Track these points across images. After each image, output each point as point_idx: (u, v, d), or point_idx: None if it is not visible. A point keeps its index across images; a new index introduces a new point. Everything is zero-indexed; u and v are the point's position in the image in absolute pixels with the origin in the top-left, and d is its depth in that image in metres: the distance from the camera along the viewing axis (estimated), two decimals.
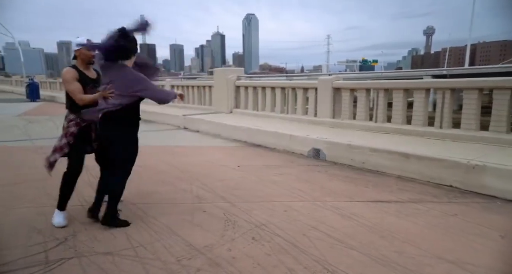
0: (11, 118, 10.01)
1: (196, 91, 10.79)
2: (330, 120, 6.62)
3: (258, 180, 4.15)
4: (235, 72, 9.25)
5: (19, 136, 7.02)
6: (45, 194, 3.46)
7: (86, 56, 2.87)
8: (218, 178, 4.22)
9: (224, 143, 6.76)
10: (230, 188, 3.83)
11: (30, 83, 18.70)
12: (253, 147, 6.28)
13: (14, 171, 4.35)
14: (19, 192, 3.55)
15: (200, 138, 7.35)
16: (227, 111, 9.20)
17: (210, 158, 5.38)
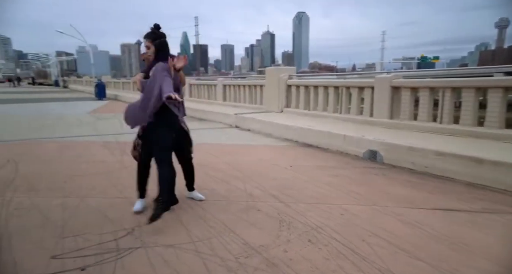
0: (83, 116, 11.04)
1: (247, 91, 10.94)
2: (388, 121, 6.27)
3: (311, 181, 4.07)
4: (287, 71, 9.19)
5: (90, 131, 7.71)
6: (112, 186, 3.74)
7: (147, 59, 3.00)
8: (271, 177, 4.22)
9: (275, 142, 6.76)
10: (283, 187, 3.81)
11: (98, 84, 20.52)
12: (304, 147, 6.19)
13: (86, 164, 4.78)
14: (90, 183, 3.87)
15: (252, 136, 7.43)
16: (278, 110, 9.19)
17: (262, 156, 5.41)
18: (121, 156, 5.22)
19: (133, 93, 21.60)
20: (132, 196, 3.45)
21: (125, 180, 3.95)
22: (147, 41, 2.80)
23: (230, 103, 11.75)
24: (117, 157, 5.18)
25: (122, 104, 16.42)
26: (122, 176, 4.12)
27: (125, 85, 25.37)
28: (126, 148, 5.84)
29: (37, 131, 7.57)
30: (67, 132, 7.50)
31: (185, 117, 3.15)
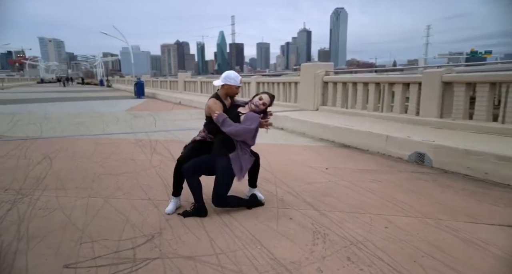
0: (120, 113, 11.34)
1: (281, 88, 10.60)
2: (437, 120, 5.65)
3: (351, 186, 3.68)
4: (324, 67, 8.72)
5: (125, 129, 7.82)
6: (138, 186, 3.61)
7: (233, 92, 3.08)
8: (305, 181, 3.88)
9: (310, 142, 6.38)
10: (318, 193, 3.46)
11: (137, 82, 21.19)
12: (341, 148, 5.75)
13: (116, 162, 4.73)
14: (117, 182, 3.78)
15: (285, 136, 7.10)
16: (313, 108, 8.77)
17: (296, 157, 5.07)
18: (151, 154, 5.14)
19: (170, 91, 22.11)
20: (157, 197, 3.29)
21: (152, 180, 3.81)
22: (270, 100, 3.03)
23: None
24: (147, 155, 5.11)
25: (159, 102, 16.89)
26: (149, 176, 3.99)
27: (162, 84, 26.06)
28: (156, 146, 5.79)
29: (76, 128, 7.80)
30: (103, 130, 7.65)
31: None
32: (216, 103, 2.97)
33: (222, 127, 2.81)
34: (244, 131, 2.83)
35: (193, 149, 3.08)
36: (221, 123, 2.81)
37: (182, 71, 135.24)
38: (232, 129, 2.80)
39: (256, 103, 2.95)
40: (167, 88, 23.89)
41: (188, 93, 19.27)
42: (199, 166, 2.88)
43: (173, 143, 6.02)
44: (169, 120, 9.27)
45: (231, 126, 2.81)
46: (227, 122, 2.82)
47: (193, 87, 19.27)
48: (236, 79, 3.02)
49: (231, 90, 3.05)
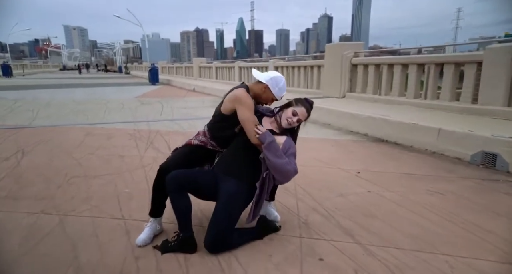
0: (128, 100, 10.59)
1: (302, 73, 9.49)
2: (503, 110, 4.47)
3: (400, 201, 2.66)
4: (352, 48, 7.54)
5: (127, 117, 7.01)
6: (115, 196, 2.73)
7: (266, 99, 2.19)
8: (336, 191, 2.89)
9: (337, 134, 5.33)
10: (357, 211, 2.47)
11: (151, 68, 20.47)
12: (377, 143, 4.69)
13: (100, 160, 3.89)
14: (89, 190, 2.93)
15: (306, 127, 6.03)
16: (338, 95, 7.65)
17: (320, 155, 4.07)
18: (145, 149, 4.27)
19: (185, 78, 21.29)
20: (134, 214, 2.40)
21: (135, 187, 2.93)
22: (307, 116, 2.14)
23: None
24: (140, 150, 4.24)
25: (173, 89, 16.08)
26: (134, 180, 3.11)
27: (178, 70, 25.28)
28: (155, 138, 4.92)
29: (74, 116, 7.06)
30: (102, 118, 6.87)
31: None
32: (249, 99, 2.06)
33: (268, 154, 1.91)
34: (293, 173, 1.96)
35: (184, 155, 2.16)
36: (267, 148, 1.91)
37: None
38: (282, 165, 1.90)
39: (290, 121, 2.06)
40: (183, 75, 23.10)
41: (202, 80, 18.39)
42: (191, 179, 1.96)
43: (175, 135, 5.14)
44: (178, 108, 8.40)
45: (281, 158, 1.91)
46: (276, 149, 1.92)
47: (208, 73, 18.35)
48: (281, 90, 2.15)
49: (266, 97, 2.16)
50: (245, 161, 2.03)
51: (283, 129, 2.11)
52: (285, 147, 1.98)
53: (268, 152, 1.89)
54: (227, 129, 2.14)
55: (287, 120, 2.04)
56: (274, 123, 2.14)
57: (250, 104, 2.03)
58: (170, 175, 1.89)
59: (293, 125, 2.08)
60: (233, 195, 1.93)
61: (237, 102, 2.01)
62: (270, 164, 1.89)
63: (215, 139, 2.17)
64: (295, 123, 2.07)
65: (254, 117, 2.03)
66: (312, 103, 2.17)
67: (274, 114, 2.16)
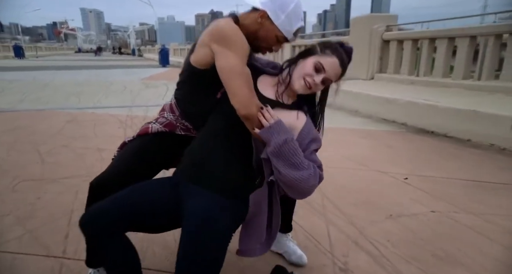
0: (133, 82, 9.82)
1: None
2: None
3: (485, 229, 1.77)
4: (384, 20, 6.43)
5: (125, 101, 6.23)
6: (67, 213, 1.93)
7: (271, 37, 1.19)
8: (380, 208, 2.02)
9: (367, 123, 4.39)
10: (422, 248, 1.60)
11: (161, 50, 19.64)
12: (420, 135, 3.74)
13: (73, 154, 3.12)
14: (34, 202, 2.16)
15: (331, 113, 5.08)
16: (366, 77, 6.62)
17: (351, 152, 3.17)
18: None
19: None
20: (78, 246, 1.59)
21: None
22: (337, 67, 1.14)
23: None
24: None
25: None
26: None
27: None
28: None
29: (65, 99, 6.32)
30: (98, 102, 6.10)
31: None
32: (241, 36, 1.08)
33: (277, 164, 1.03)
34: (316, 186, 1.08)
35: (133, 156, 1.26)
36: (276, 154, 1.02)
37: None
38: (301, 180, 1.02)
39: (310, 82, 1.11)
40: None
41: None
42: (131, 210, 1.04)
43: None
44: None
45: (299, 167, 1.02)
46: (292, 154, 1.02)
47: None
48: (292, 19, 1.15)
49: (265, 36, 1.17)
50: (229, 155, 1.10)
51: (295, 99, 1.19)
52: (302, 137, 1.09)
53: (277, 159, 1.01)
54: (205, 97, 1.19)
55: (304, 80, 1.10)
56: (279, 87, 1.16)
57: (242, 46, 1.07)
58: (87, 213, 1.03)
59: (315, 90, 1.14)
60: (206, 221, 0.97)
61: (219, 42, 1.05)
62: (282, 178, 1.02)
63: (188, 116, 1.27)
64: (320, 86, 1.12)
65: (248, 73, 1.06)
66: (351, 51, 1.18)
67: (281, 70, 1.20)
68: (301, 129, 1.10)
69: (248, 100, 1.03)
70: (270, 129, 1.01)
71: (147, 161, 1.25)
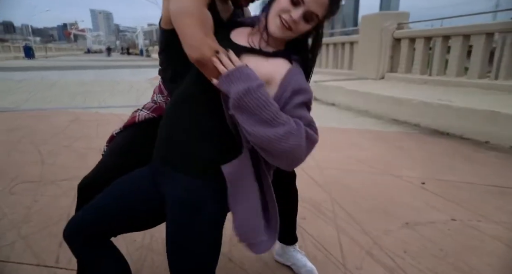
0: (139, 82, 9.78)
1: (331, 51, 8.26)
2: None
3: (503, 238, 1.62)
4: (395, 18, 6.24)
5: (129, 101, 6.18)
6: (63, 219, 1.84)
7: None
8: (396, 216, 1.88)
9: (378, 124, 4.24)
10: (443, 261, 1.46)
11: None
12: (434, 137, 3.58)
13: (72, 154, 3.04)
14: (29, 207, 2.07)
15: (338, 114, 4.99)
16: (376, 76, 6.44)
17: (362, 154, 3.03)
18: None
19: None
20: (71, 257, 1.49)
21: None
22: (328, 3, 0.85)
23: None
24: None
25: None
26: None
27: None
28: None
29: (72, 99, 6.28)
30: (103, 101, 6.05)
31: None
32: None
33: (242, 120, 0.80)
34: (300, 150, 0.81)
35: (120, 150, 1.16)
36: (237, 106, 0.79)
37: None
38: (272, 139, 0.77)
39: (287, 20, 0.83)
40: None
41: None
42: (114, 213, 0.92)
43: None
44: None
45: (271, 123, 0.78)
46: (258, 107, 0.77)
47: None
48: None
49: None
50: (197, 124, 0.89)
51: (282, 48, 0.93)
52: (283, 89, 0.84)
53: (241, 114, 0.80)
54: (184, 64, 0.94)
55: (280, 18, 0.85)
56: (255, 36, 0.92)
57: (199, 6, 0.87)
58: (68, 224, 0.91)
59: (297, 29, 0.86)
60: (184, 211, 0.86)
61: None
62: (252, 139, 0.81)
63: (173, 91, 1.05)
64: (301, 24, 0.85)
65: (202, 12, 0.86)
66: None
67: (258, 18, 0.95)
68: (281, 79, 0.84)
69: (199, 41, 0.83)
70: (228, 77, 0.79)
71: (135, 152, 1.13)
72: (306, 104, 0.86)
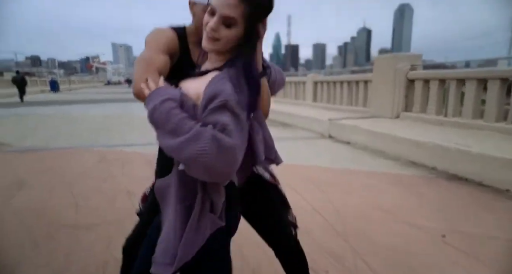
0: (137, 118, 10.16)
1: (345, 88, 8.50)
2: None
3: None
4: (408, 60, 6.46)
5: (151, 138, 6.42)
6: (100, 267, 1.94)
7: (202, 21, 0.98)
8: (415, 269, 1.90)
9: (395, 167, 4.28)
10: None
11: None
12: (452, 182, 3.59)
13: (103, 197, 3.19)
14: (71, 248, 2.18)
15: (353, 154, 5.06)
16: (391, 115, 6.56)
17: (381, 200, 3.07)
18: None
19: None
20: None
21: None
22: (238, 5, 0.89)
23: (321, 105, 9.48)
24: None
25: None
26: None
27: None
28: None
29: (96, 135, 6.59)
30: (127, 139, 6.31)
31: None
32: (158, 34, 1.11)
33: (156, 133, 0.86)
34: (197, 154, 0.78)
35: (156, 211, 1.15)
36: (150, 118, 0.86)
37: None
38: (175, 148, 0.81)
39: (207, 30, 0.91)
40: None
41: None
42: None
43: None
44: None
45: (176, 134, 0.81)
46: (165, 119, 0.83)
47: None
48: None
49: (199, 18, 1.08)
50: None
51: (222, 59, 0.96)
52: (202, 99, 0.86)
53: (156, 130, 0.85)
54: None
55: (205, 31, 0.92)
56: (204, 58, 1.04)
57: (155, 39, 1.07)
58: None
59: (222, 37, 0.91)
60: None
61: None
62: (165, 151, 0.84)
63: None
64: (221, 30, 0.90)
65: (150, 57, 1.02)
66: None
67: None
68: (203, 90, 0.87)
69: (137, 78, 0.97)
70: (147, 99, 0.88)
71: None
72: (224, 107, 0.83)
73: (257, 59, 0.98)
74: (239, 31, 0.91)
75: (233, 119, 0.82)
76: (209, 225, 0.91)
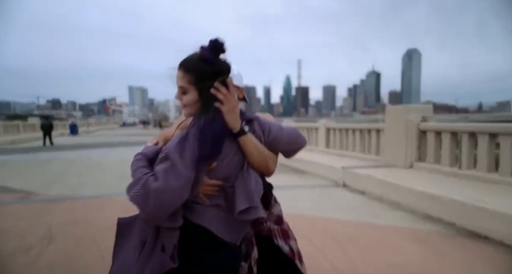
0: None
1: (358, 136, 8.68)
2: None
3: None
4: (419, 111, 6.68)
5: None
6: None
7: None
8: None
9: (411, 220, 4.29)
10: None
11: None
12: (472, 239, 3.58)
13: None
14: None
15: (368, 205, 5.09)
16: (404, 165, 6.63)
17: (401, 259, 3.07)
18: None
19: None
20: None
21: None
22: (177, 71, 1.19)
23: (334, 151, 9.61)
24: None
25: None
26: None
27: None
28: None
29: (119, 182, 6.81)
30: None
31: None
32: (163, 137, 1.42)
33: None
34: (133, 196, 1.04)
35: None
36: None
37: None
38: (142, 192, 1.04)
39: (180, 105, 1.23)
40: None
41: None
42: None
43: None
44: None
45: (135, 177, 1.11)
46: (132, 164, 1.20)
47: None
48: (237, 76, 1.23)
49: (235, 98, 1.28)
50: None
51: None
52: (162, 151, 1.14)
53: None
54: None
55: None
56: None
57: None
58: None
59: (188, 103, 1.15)
60: None
61: None
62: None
63: None
64: (183, 98, 1.15)
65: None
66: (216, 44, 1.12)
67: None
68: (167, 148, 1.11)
69: None
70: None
71: None
72: (166, 158, 1.05)
73: (229, 117, 1.11)
74: (195, 96, 1.13)
75: (168, 168, 1.00)
76: (159, 262, 1.06)
